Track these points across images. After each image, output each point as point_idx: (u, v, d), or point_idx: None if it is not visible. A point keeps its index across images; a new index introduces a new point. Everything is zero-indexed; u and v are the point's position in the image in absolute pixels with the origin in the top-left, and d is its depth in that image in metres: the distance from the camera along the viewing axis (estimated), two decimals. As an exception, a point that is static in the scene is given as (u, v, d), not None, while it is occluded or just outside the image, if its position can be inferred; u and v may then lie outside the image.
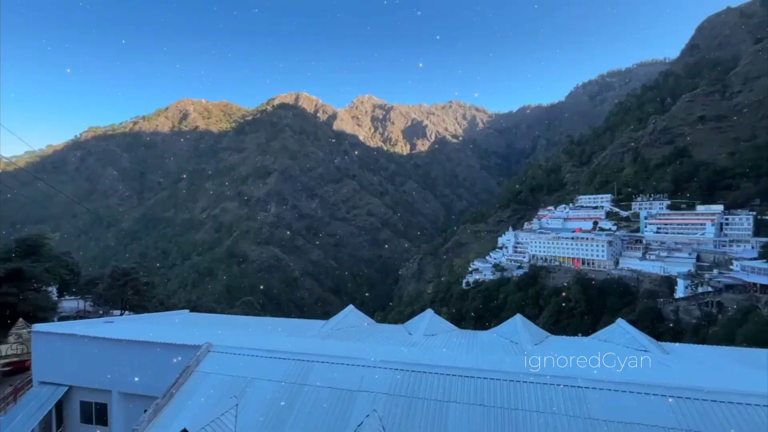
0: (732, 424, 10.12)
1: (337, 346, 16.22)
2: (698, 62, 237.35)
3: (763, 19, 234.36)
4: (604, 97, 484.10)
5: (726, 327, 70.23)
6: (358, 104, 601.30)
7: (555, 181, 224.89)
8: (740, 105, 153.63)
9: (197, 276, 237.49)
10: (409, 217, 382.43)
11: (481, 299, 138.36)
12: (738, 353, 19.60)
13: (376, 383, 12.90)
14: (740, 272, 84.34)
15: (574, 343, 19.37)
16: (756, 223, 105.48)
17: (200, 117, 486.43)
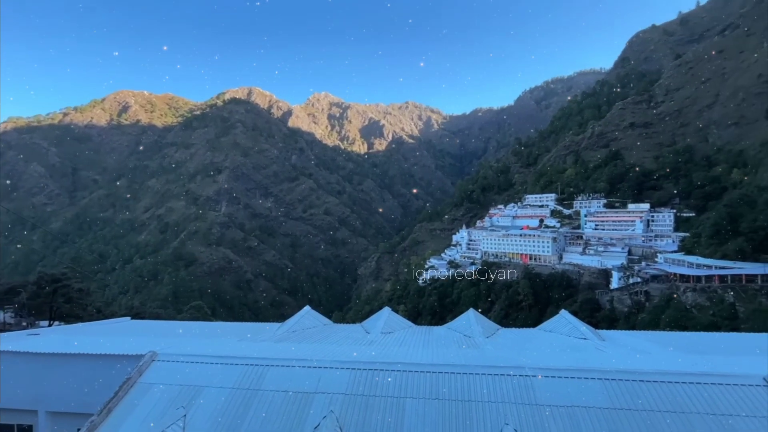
0: (656, 400, 11.24)
1: (292, 349, 15.86)
2: (628, 73, 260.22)
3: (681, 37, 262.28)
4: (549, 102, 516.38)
5: (652, 313, 77.81)
6: (315, 101, 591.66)
7: (505, 181, 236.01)
8: (663, 113, 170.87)
9: (140, 281, 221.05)
10: (367, 216, 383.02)
11: (436, 295, 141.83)
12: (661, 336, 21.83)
13: (333, 384, 12.79)
14: (663, 264, 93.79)
15: (523, 334, 20.48)
16: (676, 220, 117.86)
17: (142, 110, 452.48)
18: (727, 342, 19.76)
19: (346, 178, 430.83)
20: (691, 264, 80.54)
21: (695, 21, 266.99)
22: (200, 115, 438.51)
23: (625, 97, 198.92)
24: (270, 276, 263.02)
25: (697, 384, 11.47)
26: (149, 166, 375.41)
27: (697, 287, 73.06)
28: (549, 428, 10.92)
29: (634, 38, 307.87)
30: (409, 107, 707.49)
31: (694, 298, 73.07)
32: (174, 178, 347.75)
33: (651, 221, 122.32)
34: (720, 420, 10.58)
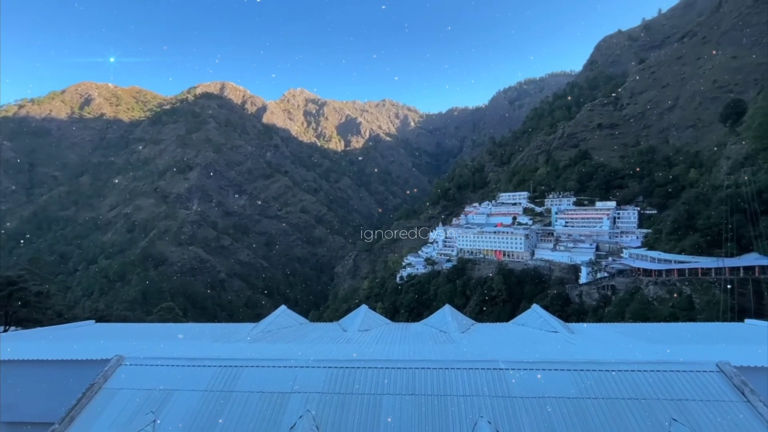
0: (620, 388, 11.82)
1: (267, 349, 15.61)
2: (596, 76, 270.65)
3: (645, 43, 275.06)
4: (522, 102, 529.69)
5: (618, 306, 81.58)
6: (290, 97, 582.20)
7: (480, 180, 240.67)
8: (628, 115, 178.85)
9: (106, 282, 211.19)
10: (345, 214, 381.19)
11: (414, 292, 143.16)
12: (626, 328, 22.92)
13: (309, 383, 12.69)
14: (628, 259, 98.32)
15: (497, 328, 21.01)
16: (640, 217, 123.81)
17: (107, 103, 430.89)
18: (684, 331, 20.99)
19: (322, 175, 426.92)
20: (653, 259, 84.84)
21: (657, 28, 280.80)
22: (170, 109, 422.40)
23: (593, 99, 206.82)
24: (244, 275, 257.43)
25: (657, 372, 12.14)
26: (115, 162, 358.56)
27: (658, 281, 77.11)
28: (521, 419, 11.27)
29: (602, 42, 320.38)
30: (386, 105, 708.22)
31: (655, 291, 77.09)
32: (142, 175, 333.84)
33: (617, 218, 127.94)
34: (677, 404, 11.24)
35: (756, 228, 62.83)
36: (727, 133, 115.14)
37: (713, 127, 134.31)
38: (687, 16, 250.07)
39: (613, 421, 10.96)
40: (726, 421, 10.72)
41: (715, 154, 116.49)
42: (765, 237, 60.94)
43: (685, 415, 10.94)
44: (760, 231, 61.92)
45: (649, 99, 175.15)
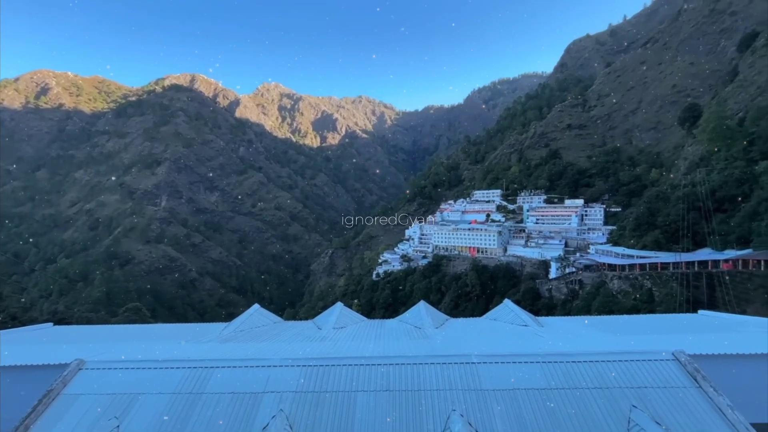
0: (585, 378, 12.36)
1: (239, 349, 15.28)
2: (566, 78, 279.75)
3: (611, 47, 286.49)
4: (496, 102, 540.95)
5: (585, 300, 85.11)
6: (264, 92, 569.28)
7: (455, 178, 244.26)
8: (595, 117, 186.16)
9: (66, 282, 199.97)
10: (321, 211, 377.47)
11: (390, 289, 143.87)
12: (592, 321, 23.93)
13: (282, 382, 12.52)
14: (595, 254, 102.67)
15: (470, 323, 21.44)
16: (605, 214, 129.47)
17: (66, 93, 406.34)
18: (644, 323, 22.16)
19: (298, 171, 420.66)
20: (617, 254, 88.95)
21: (623, 33, 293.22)
22: (136, 101, 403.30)
23: (563, 100, 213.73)
24: (217, 274, 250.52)
25: (619, 362, 12.77)
26: (76, 156, 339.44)
27: (622, 275, 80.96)
28: (493, 411, 11.57)
29: (572, 45, 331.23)
30: (362, 102, 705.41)
31: (619, 285, 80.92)
32: (106, 169, 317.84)
33: (585, 216, 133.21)
34: (637, 392, 11.87)
35: (709, 225, 67.03)
36: (684, 136, 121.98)
37: (673, 130, 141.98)
38: (650, 23, 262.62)
39: (579, 410, 11.45)
40: (680, 406, 11.42)
41: (674, 154, 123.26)
42: (717, 233, 65.14)
43: (644, 402, 11.57)
44: (712, 227, 66.11)
45: (614, 101, 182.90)
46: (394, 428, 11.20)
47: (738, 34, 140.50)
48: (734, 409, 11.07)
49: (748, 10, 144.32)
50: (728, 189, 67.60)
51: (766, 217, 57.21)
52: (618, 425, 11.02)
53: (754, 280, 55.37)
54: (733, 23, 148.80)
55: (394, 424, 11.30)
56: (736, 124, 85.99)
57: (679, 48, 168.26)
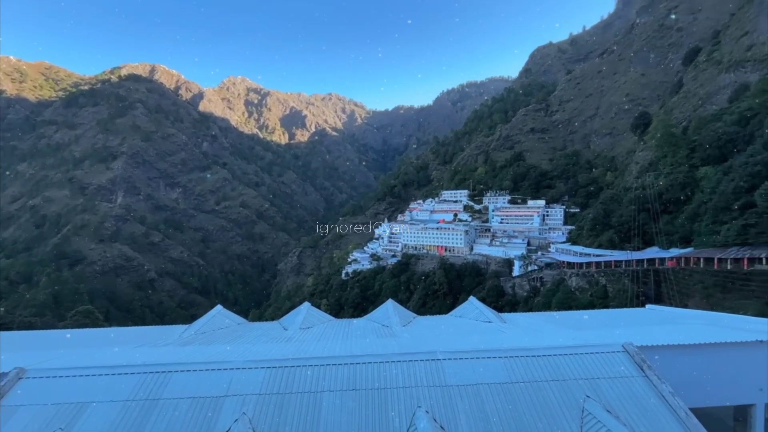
0: (544, 371, 12.92)
1: (200, 352, 14.69)
2: (530, 83, 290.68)
3: (572, 55, 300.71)
4: (464, 104, 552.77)
5: (545, 296, 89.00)
6: (230, 85, 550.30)
7: (424, 177, 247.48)
8: (557, 121, 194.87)
9: (7, 284, 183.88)
10: (288, 210, 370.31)
11: (359, 288, 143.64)
12: (552, 316, 25.05)
13: (245, 385, 12.17)
14: (555, 253, 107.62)
15: (436, 321, 21.83)
16: (565, 215, 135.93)
17: (8, 79, 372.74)
18: (599, 317, 23.48)
19: (264, 168, 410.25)
20: (575, 253, 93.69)
21: (582, 43, 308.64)
22: (89, 90, 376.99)
23: (527, 104, 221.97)
24: (177, 274, 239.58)
25: (574, 355, 13.45)
26: (18, 147, 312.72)
27: (579, 273, 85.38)
28: (457, 406, 11.84)
29: (536, 52, 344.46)
30: (332, 99, 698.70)
31: (577, 281, 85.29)
32: (54, 162, 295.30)
33: (546, 216, 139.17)
34: (591, 383, 12.56)
35: (656, 225, 72.06)
36: (636, 141, 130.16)
37: (626, 136, 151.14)
38: (606, 35, 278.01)
39: (538, 402, 11.96)
40: (628, 394, 12.21)
41: (627, 159, 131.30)
42: (663, 233, 70.14)
43: (597, 392, 12.27)
44: (659, 228, 71.12)
45: (574, 107, 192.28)
46: (360, 427, 11.19)
47: (683, 49, 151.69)
48: (675, 395, 11.97)
49: (692, 27, 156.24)
50: (673, 192, 72.90)
51: (705, 219, 62.20)
52: (573, 415, 11.61)
53: (694, 276, 60.10)
54: (679, 38, 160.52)
55: (360, 423, 11.30)
56: (681, 133, 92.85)
57: (632, 59, 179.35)
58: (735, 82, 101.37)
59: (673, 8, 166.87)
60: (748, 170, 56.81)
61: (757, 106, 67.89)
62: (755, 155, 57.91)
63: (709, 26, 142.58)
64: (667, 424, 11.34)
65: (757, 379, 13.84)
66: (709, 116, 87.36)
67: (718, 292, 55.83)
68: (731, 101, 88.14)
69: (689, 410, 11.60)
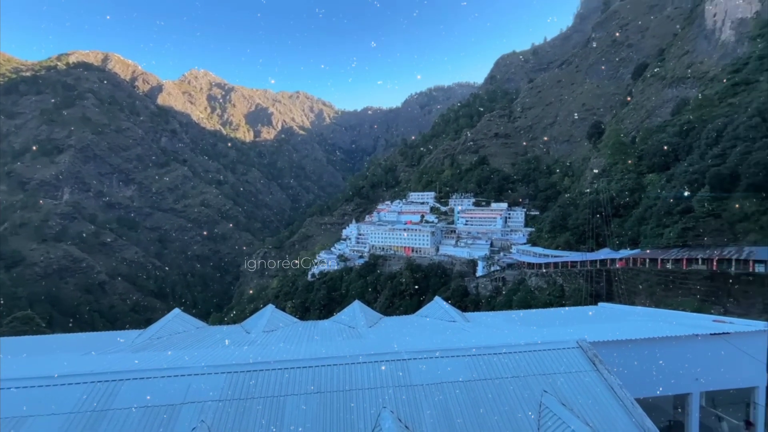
0: (504, 368, 13.39)
1: (155, 358, 13.92)
2: (495, 90, 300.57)
3: (534, 65, 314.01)
4: (431, 108, 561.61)
5: (507, 296, 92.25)
6: (192, 79, 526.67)
7: (392, 179, 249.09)
8: (519, 127, 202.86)
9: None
10: (253, 209, 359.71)
11: (325, 289, 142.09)
12: (512, 315, 26.00)
13: (204, 391, 11.68)
14: (516, 254, 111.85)
15: (402, 321, 22.01)
16: (526, 217, 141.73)
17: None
18: (556, 315, 24.66)
19: (228, 166, 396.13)
20: (535, 254, 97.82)
21: (543, 53, 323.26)
22: (31, 77, 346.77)
23: (492, 110, 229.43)
24: (131, 276, 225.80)
25: (533, 352, 14.05)
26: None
27: (539, 273, 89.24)
28: (421, 405, 12.00)
29: (500, 60, 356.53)
30: (300, 97, 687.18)
31: (536, 281, 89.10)
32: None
33: (508, 218, 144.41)
34: (548, 378, 13.16)
35: (608, 228, 76.78)
36: (591, 149, 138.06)
37: (582, 143, 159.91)
38: (565, 47, 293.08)
39: (498, 398, 12.37)
40: (582, 388, 12.90)
41: (583, 165, 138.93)
42: (615, 235, 74.86)
43: (554, 387, 12.87)
44: (611, 230, 75.83)
45: (535, 114, 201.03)
46: (324, 430, 11.07)
47: (633, 64, 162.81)
48: (623, 387, 12.80)
49: (641, 44, 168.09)
50: (623, 197, 78.00)
51: (650, 222, 67.04)
52: (531, 409, 12.12)
53: (640, 276, 64.58)
54: (629, 54, 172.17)
55: (325, 426, 11.18)
56: (630, 142, 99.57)
57: (588, 71, 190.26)
58: (677, 97, 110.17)
59: (624, 26, 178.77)
60: (687, 178, 61.87)
61: (695, 120, 74.10)
62: (693, 164, 63.20)
63: (655, 44, 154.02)
64: (615, 414, 12.10)
65: (694, 370, 15.09)
66: (654, 127, 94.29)
67: (661, 290, 60.32)
68: (673, 114, 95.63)
69: (635, 401, 12.45)
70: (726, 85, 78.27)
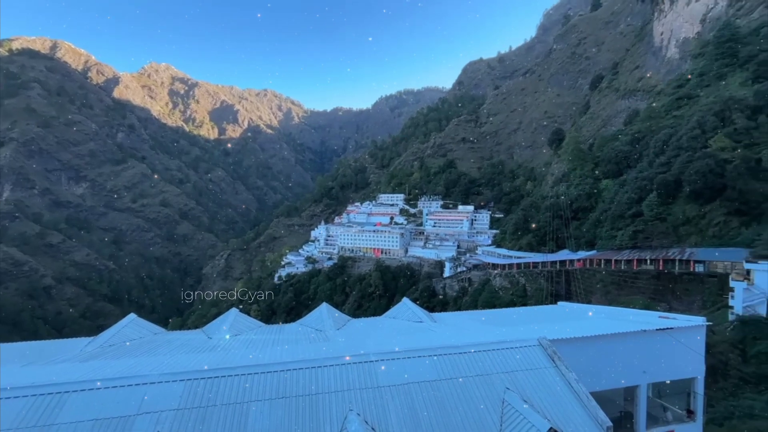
0: (469, 367, 13.71)
1: (107, 367, 13.07)
2: (463, 95, 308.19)
3: (500, 72, 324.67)
4: (401, 111, 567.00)
5: (473, 296, 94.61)
6: (152, 72, 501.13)
7: (362, 180, 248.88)
8: (485, 132, 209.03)
9: None
10: (216, 210, 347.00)
11: (293, 292, 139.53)
12: (478, 314, 26.67)
13: (161, 401, 11.10)
14: (482, 255, 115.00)
15: (370, 323, 21.99)
16: (491, 219, 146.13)
17: None
18: (518, 314, 25.56)
19: (190, 164, 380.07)
20: (499, 255, 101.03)
21: (509, 61, 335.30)
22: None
23: (459, 115, 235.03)
24: (81, 280, 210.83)
25: (496, 350, 14.49)
26: None
27: (503, 273, 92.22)
28: (388, 407, 12.04)
29: (468, 66, 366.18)
30: (268, 95, 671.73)
31: (501, 282, 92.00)
32: None
33: (474, 220, 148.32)
34: (510, 375, 13.61)
35: (567, 230, 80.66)
36: (552, 155, 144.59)
37: (543, 149, 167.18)
38: (529, 56, 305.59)
39: (464, 397, 12.65)
40: (542, 384, 13.45)
41: (544, 170, 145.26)
42: (573, 237, 78.75)
43: (516, 384, 13.33)
44: (570, 232, 79.71)
45: (500, 120, 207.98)
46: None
47: (590, 75, 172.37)
48: (579, 382, 13.47)
49: (598, 56, 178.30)
50: (581, 201, 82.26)
51: (605, 225, 71.13)
52: (495, 406, 12.48)
53: (596, 276, 68.33)
54: (587, 66, 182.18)
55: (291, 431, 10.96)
56: (588, 149, 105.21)
57: (550, 80, 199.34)
58: (629, 108, 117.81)
59: (583, 39, 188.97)
60: (637, 184, 66.25)
61: (645, 130, 79.51)
62: (642, 171, 67.78)
63: (610, 58, 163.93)
64: (572, 408, 12.71)
65: (642, 363, 16.14)
66: (609, 136, 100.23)
67: (614, 288, 64.12)
68: (626, 124, 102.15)
69: (590, 394, 13.14)
70: (671, 98, 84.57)
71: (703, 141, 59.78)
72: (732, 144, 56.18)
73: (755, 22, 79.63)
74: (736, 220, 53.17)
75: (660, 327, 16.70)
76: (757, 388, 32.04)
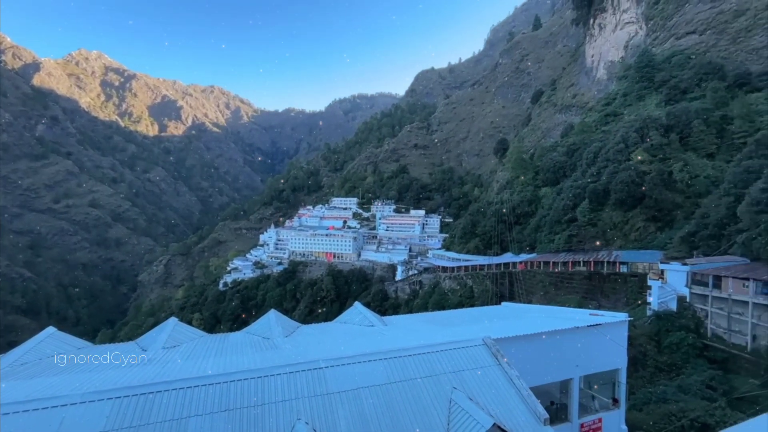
0: (417, 369, 13.94)
1: (18, 388, 11.54)
2: (415, 103, 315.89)
3: (450, 82, 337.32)
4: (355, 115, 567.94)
5: (423, 298, 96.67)
6: (81, 60, 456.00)
7: (314, 183, 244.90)
8: (436, 140, 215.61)
9: None
10: (155, 211, 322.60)
11: (239, 299, 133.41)
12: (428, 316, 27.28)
13: (83, 424, 10.00)
14: (432, 258, 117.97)
15: (321, 328, 21.58)
16: (441, 224, 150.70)
17: None
18: (465, 315, 26.52)
19: (126, 163, 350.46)
20: (448, 258, 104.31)
21: (458, 72, 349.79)
22: None
23: (412, 122, 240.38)
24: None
25: (444, 351, 14.89)
26: None
27: (452, 276, 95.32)
28: (337, 413, 11.87)
29: (420, 75, 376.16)
30: (214, 92, 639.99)
31: (450, 284, 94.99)
32: None
33: (425, 224, 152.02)
34: (457, 375, 14.04)
35: (511, 234, 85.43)
36: (497, 163, 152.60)
37: (490, 157, 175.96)
38: (477, 68, 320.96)
39: (413, 398, 12.82)
40: (487, 382, 14.03)
41: (490, 177, 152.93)
42: (516, 241, 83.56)
43: (462, 383, 13.77)
44: (513, 236, 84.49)
45: (450, 129, 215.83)
46: (232, 451, 10.28)
47: (532, 90, 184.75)
48: (520, 378, 14.25)
49: (539, 72, 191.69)
50: (523, 207, 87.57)
51: (544, 229, 76.33)
52: (442, 406, 12.80)
53: (537, 277, 72.99)
54: (529, 81, 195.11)
55: (233, 446, 10.40)
56: (529, 158, 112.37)
57: (496, 92, 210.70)
58: (565, 122, 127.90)
59: (525, 56, 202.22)
60: (572, 192, 72.02)
61: (578, 143, 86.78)
62: (577, 180, 73.83)
63: (549, 75, 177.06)
64: (514, 403, 13.40)
65: (575, 358, 17.45)
66: (548, 147, 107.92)
67: (552, 288, 68.90)
68: (562, 137, 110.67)
69: (530, 389, 13.95)
70: (600, 115, 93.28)
71: (627, 154, 66.49)
72: (649, 158, 63.12)
73: (668, 51, 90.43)
74: (653, 226, 59.68)
75: (590, 324, 18.18)
76: (669, 376, 36.07)
